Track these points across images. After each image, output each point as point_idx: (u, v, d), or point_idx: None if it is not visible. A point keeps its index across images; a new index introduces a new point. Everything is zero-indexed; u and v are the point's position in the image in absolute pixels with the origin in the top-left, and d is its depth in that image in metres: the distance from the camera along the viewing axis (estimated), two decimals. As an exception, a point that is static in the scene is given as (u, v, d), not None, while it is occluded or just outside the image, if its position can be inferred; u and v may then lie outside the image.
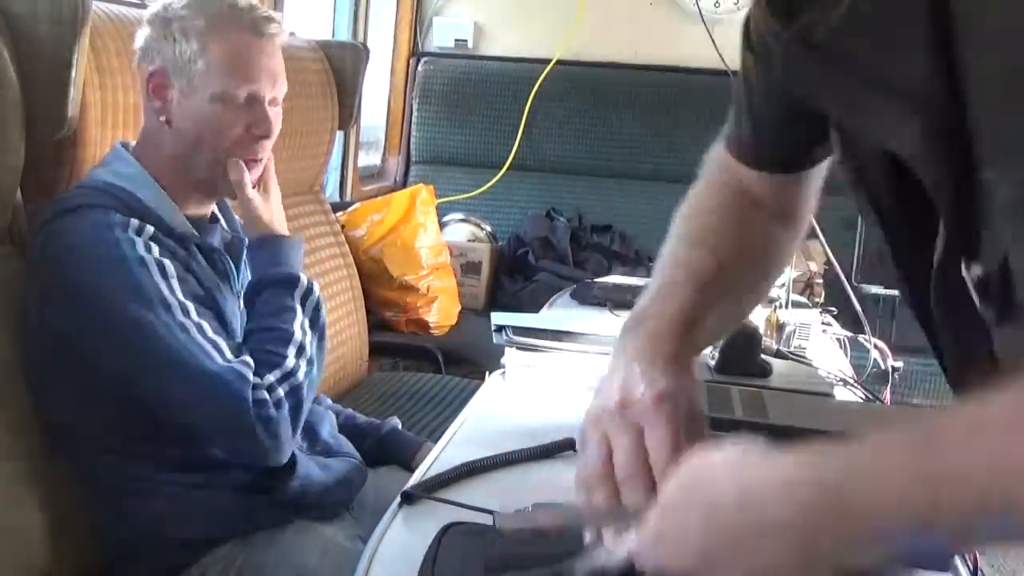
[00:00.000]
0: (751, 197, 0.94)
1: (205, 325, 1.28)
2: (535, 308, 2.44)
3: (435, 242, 3.06)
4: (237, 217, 1.55)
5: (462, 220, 3.53)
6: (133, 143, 1.43)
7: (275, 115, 1.41)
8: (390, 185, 3.73)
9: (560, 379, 1.68)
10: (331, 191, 3.22)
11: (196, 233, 1.39)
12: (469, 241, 3.44)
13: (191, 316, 1.27)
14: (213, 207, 1.49)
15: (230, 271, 1.44)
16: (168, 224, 1.34)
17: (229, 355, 1.29)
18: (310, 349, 1.38)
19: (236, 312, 1.43)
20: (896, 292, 3.09)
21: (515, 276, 3.45)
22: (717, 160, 0.98)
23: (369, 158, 3.76)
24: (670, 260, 0.93)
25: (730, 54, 4.00)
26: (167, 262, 1.28)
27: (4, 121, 1.33)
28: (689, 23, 3.70)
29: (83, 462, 1.37)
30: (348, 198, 3.28)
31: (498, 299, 3.37)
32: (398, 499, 1.12)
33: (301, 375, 1.34)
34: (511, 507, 1.08)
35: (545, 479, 1.25)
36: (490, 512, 1.10)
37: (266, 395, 1.29)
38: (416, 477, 1.21)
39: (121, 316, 1.25)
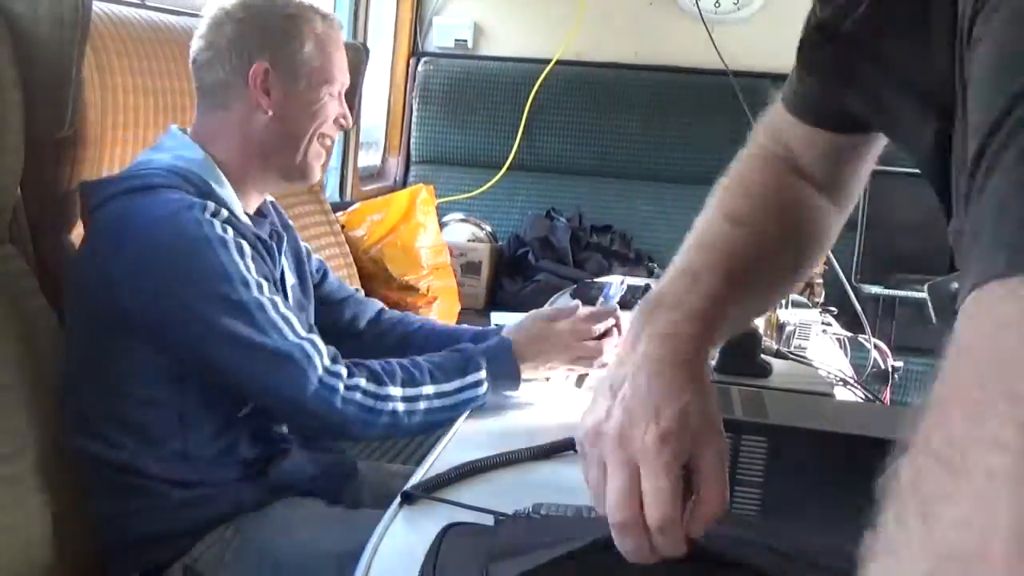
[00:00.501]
0: (800, 169, 0.88)
1: (278, 300, 1.34)
2: (535, 308, 2.44)
3: (435, 242, 3.06)
4: (268, 203, 1.58)
5: (462, 220, 3.53)
6: (185, 129, 1.46)
7: None
8: (390, 185, 3.74)
9: (560, 379, 1.68)
10: (331, 191, 3.22)
11: (253, 227, 1.43)
12: (469, 241, 3.44)
13: (265, 292, 1.33)
14: (266, 198, 1.54)
15: (278, 264, 1.47)
16: (235, 212, 1.39)
17: (301, 331, 1.34)
18: (418, 409, 1.40)
19: (288, 302, 1.46)
20: (896, 292, 3.09)
21: (515, 276, 3.46)
22: (767, 125, 0.92)
23: (369, 158, 3.76)
24: (702, 236, 0.85)
25: (730, 54, 4.02)
26: (243, 242, 1.33)
27: (4, 121, 1.33)
28: (689, 23, 3.70)
29: (86, 453, 1.38)
30: (348, 198, 3.28)
31: (498, 299, 3.37)
32: (398, 499, 1.12)
33: (396, 406, 1.37)
34: (511, 507, 1.09)
35: (545, 479, 1.25)
36: (490, 512, 1.10)
37: (338, 385, 1.33)
38: (416, 477, 1.21)
39: (207, 293, 1.30)
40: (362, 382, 1.35)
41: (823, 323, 2.05)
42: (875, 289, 3.15)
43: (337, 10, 3.30)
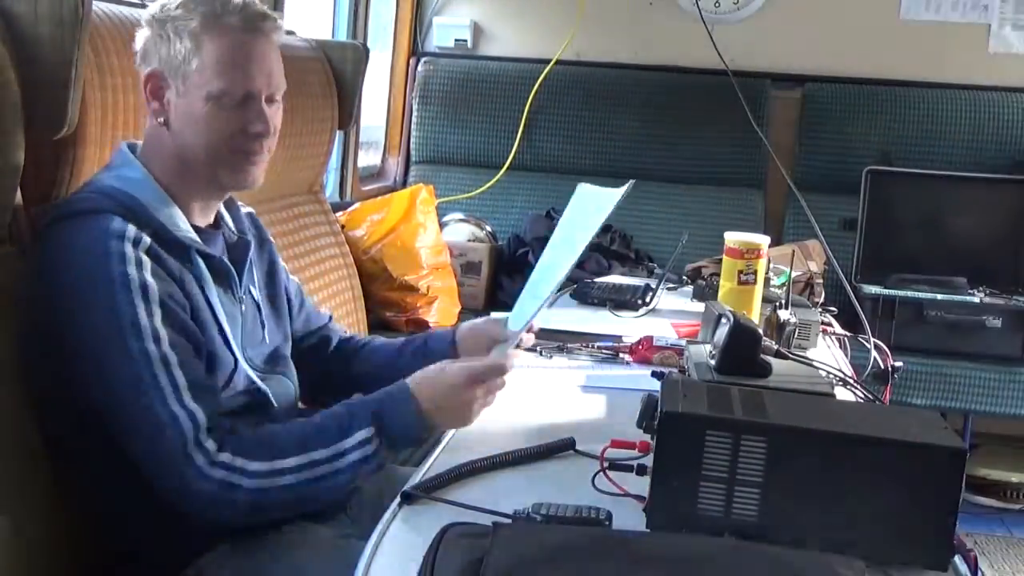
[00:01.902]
0: None
1: (172, 359, 1.26)
2: (535, 308, 2.44)
3: (435, 242, 3.06)
4: (245, 214, 1.54)
5: (462, 220, 3.53)
6: (139, 143, 1.43)
7: (274, 112, 1.39)
8: (390, 185, 3.74)
9: (560, 379, 1.68)
10: (331, 191, 3.22)
11: (198, 240, 1.38)
12: (469, 241, 3.44)
13: (161, 345, 1.25)
14: (219, 210, 1.48)
15: (231, 277, 1.43)
16: (170, 231, 1.33)
17: (186, 397, 1.25)
18: (280, 484, 1.28)
19: (237, 318, 1.43)
20: (896, 292, 3.09)
21: (515, 276, 3.45)
22: None
23: (369, 158, 3.76)
24: None
25: (730, 54, 4.03)
26: (152, 283, 1.27)
27: (4, 121, 1.33)
28: (689, 23, 3.70)
29: (79, 467, 1.37)
30: (348, 198, 3.28)
31: (498, 299, 3.37)
32: (398, 499, 1.12)
33: (259, 482, 1.27)
34: (511, 507, 1.09)
35: (545, 479, 1.25)
36: (490, 512, 1.10)
37: (201, 462, 1.24)
38: (416, 478, 1.21)
39: (92, 333, 1.25)
40: (238, 461, 1.26)
41: (823, 323, 2.05)
42: (875, 289, 3.15)
43: (337, 10, 3.31)
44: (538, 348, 1.83)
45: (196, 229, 1.39)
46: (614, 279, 2.68)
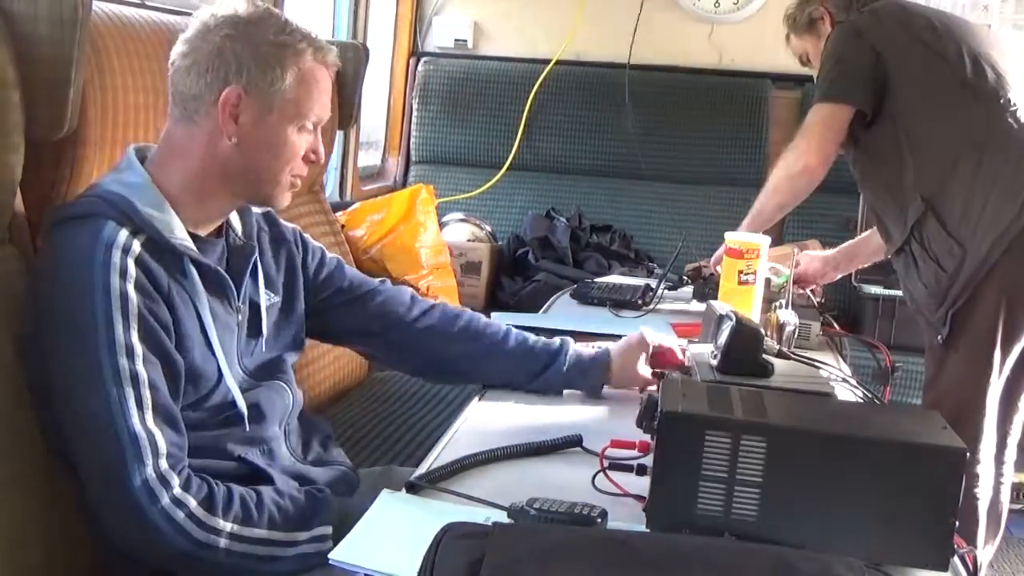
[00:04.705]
0: None
1: (143, 377, 1.24)
2: (535, 308, 2.44)
3: (435, 242, 3.06)
4: (256, 216, 1.52)
5: (462, 220, 3.53)
6: (150, 146, 1.41)
7: None
8: (390, 185, 3.74)
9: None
10: (331, 191, 3.22)
11: (193, 248, 1.36)
12: (469, 241, 3.44)
13: (135, 362, 1.24)
14: (228, 218, 1.46)
15: (227, 287, 1.41)
16: (164, 236, 1.32)
17: (148, 417, 1.23)
18: (241, 551, 1.26)
19: (232, 327, 1.41)
20: (896, 292, 3.09)
21: (515, 276, 3.45)
22: None
23: (369, 158, 3.76)
24: None
25: (730, 54, 4.02)
26: (134, 297, 1.25)
27: (4, 121, 1.33)
28: (689, 23, 3.71)
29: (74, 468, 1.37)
30: (348, 198, 3.28)
31: (498, 299, 3.37)
32: (403, 489, 1.15)
33: (220, 541, 1.25)
34: (507, 501, 1.10)
35: (544, 476, 1.25)
36: (491, 504, 1.11)
37: (162, 495, 1.22)
38: (422, 468, 1.22)
39: (68, 339, 1.25)
40: (192, 503, 1.23)
41: (823, 323, 2.06)
42: (875, 289, 3.15)
43: (337, 10, 3.31)
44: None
45: (194, 238, 1.38)
46: (614, 279, 2.68)
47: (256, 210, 1.51)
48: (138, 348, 1.25)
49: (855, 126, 2.17)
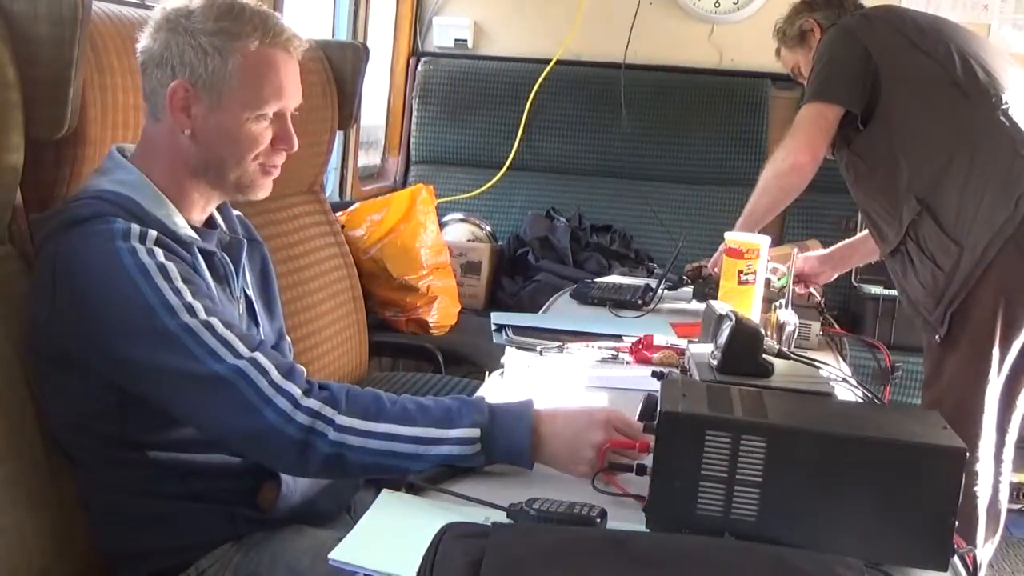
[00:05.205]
0: None
1: (215, 322, 1.25)
2: (535, 308, 2.44)
3: (435, 242, 3.06)
4: (235, 216, 1.54)
5: (462, 220, 3.53)
6: (128, 146, 1.42)
7: (292, 125, 1.43)
8: (390, 185, 3.74)
9: (559, 379, 1.68)
10: (331, 191, 3.22)
11: (198, 237, 1.38)
12: (469, 241, 3.44)
13: (198, 315, 1.25)
14: (213, 210, 1.48)
15: (229, 274, 1.44)
16: (171, 229, 1.34)
17: (242, 350, 1.25)
18: (372, 447, 1.25)
19: (235, 315, 1.42)
20: (896, 292, 3.09)
21: (515, 276, 3.45)
22: None
23: (369, 158, 3.76)
24: None
25: (730, 54, 4.02)
26: (170, 265, 1.27)
27: (4, 121, 1.33)
28: (689, 23, 3.71)
29: (80, 468, 1.37)
30: (348, 198, 3.28)
31: (498, 299, 3.37)
32: (403, 489, 1.15)
33: (362, 443, 1.24)
34: (507, 501, 1.10)
35: (544, 476, 1.25)
36: (491, 504, 1.11)
37: (287, 406, 1.23)
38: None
39: (127, 329, 1.24)
40: (314, 404, 1.25)
41: (823, 323, 2.06)
42: (875, 289, 3.15)
43: (337, 10, 3.30)
44: (538, 348, 1.83)
45: (193, 228, 1.40)
46: (614, 279, 2.69)
47: (234, 212, 1.53)
48: (196, 304, 1.26)
49: (847, 128, 2.18)
